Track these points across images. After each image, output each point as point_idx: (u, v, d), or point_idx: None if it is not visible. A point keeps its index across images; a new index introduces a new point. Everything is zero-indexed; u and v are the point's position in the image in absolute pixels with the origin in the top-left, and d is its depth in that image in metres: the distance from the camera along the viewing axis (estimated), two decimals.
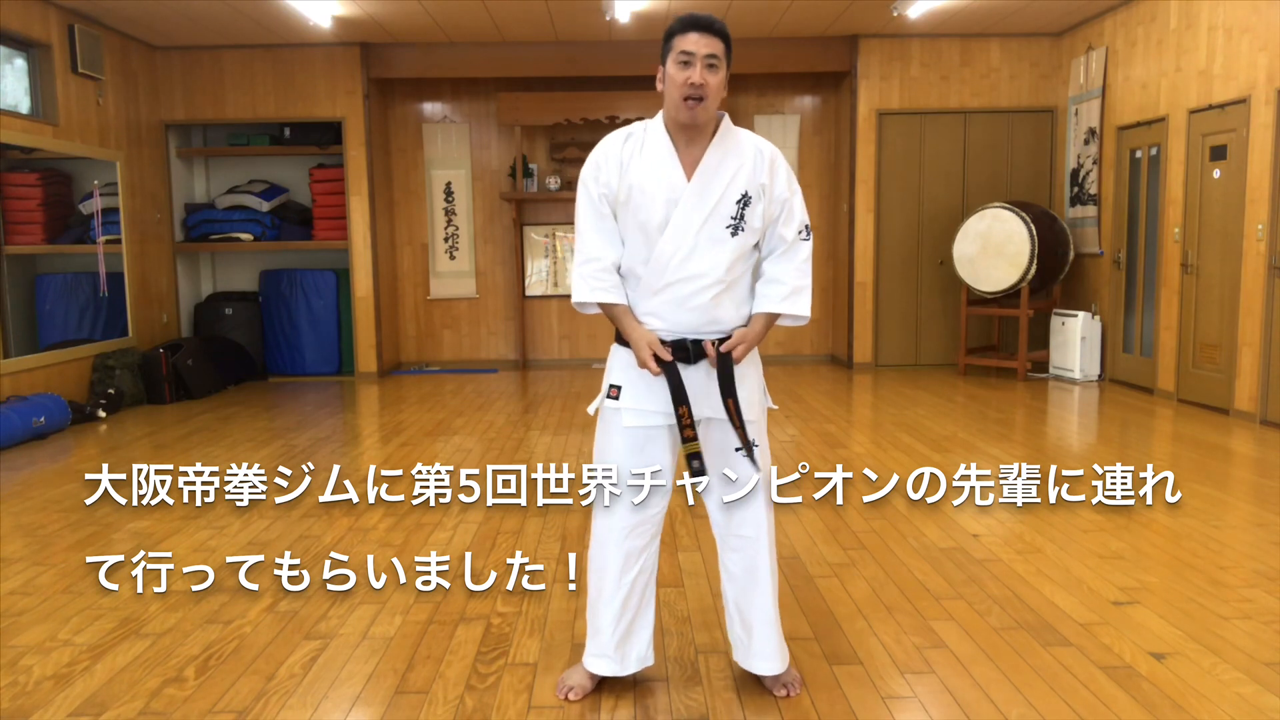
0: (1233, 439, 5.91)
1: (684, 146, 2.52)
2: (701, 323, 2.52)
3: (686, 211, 2.47)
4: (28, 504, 4.79)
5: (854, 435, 6.30)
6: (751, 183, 2.50)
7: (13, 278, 7.16)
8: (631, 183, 2.50)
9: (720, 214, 2.48)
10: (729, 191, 2.49)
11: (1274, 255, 6.13)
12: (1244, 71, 6.37)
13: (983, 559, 3.76)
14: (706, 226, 2.48)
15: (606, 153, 2.55)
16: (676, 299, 2.50)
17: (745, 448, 2.53)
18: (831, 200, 9.76)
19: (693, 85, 2.42)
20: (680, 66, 2.44)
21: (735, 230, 2.49)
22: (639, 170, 2.51)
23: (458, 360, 9.95)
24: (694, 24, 2.46)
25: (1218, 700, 2.62)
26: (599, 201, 2.54)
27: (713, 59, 2.45)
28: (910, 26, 8.48)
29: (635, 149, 2.53)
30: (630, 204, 2.51)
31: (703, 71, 2.43)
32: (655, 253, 2.49)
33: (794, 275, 2.56)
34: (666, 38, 2.50)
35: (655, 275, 2.50)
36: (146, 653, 2.99)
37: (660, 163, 2.50)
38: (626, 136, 2.56)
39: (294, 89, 8.89)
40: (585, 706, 2.64)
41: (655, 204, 2.49)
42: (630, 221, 2.52)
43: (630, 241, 2.54)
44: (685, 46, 2.44)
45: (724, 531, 2.65)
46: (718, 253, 2.49)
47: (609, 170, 2.53)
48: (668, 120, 2.53)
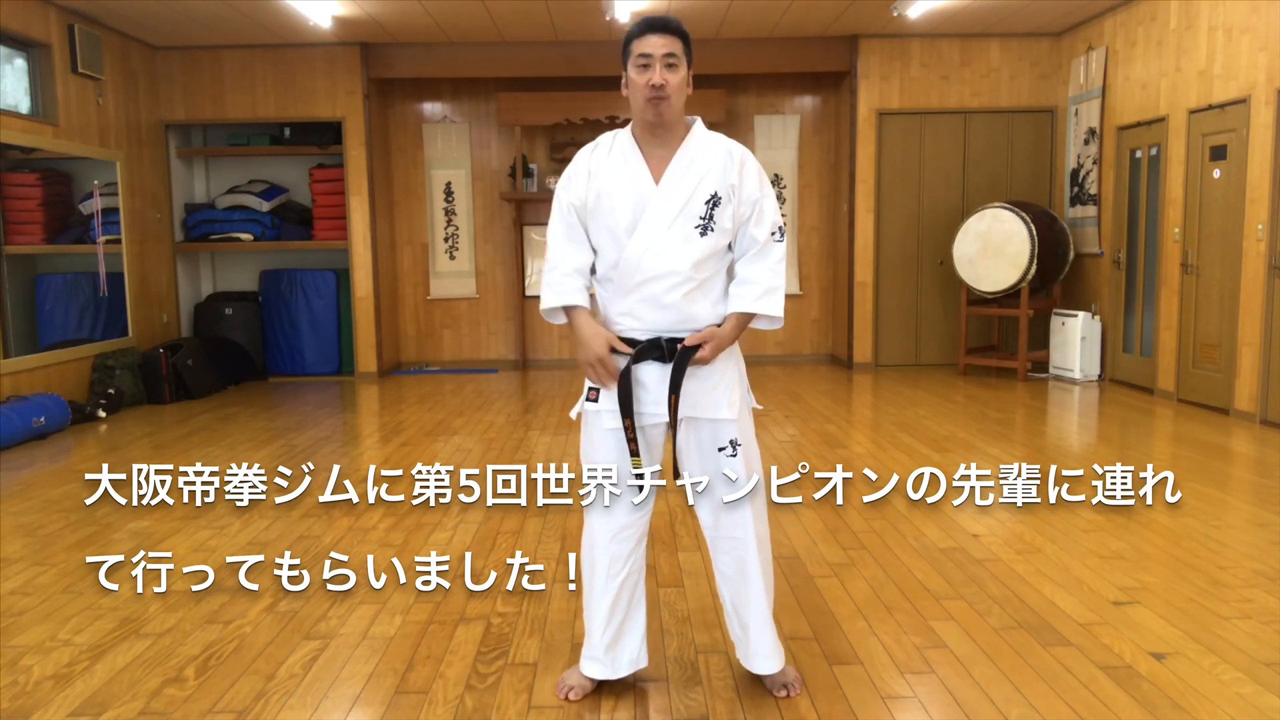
0: (1233, 439, 5.91)
1: (652, 149, 2.54)
2: (675, 321, 2.54)
3: (655, 212, 2.50)
4: (28, 504, 4.79)
5: (854, 435, 6.30)
6: (721, 184, 2.52)
7: (13, 278, 7.16)
8: (599, 189, 2.54)
9: (689, 214, 2.50)
10: (698, 192, 2.51)
11: (1274, 255, 6.13)
12: (1244, 71, 6.37)
13: (983, 559, 3.76)
14: (675, 226, 2.50)
15: (576, 164, 2.60)
16: (649, 298, 2.53)
17: (666, 446, 2.56)
18: (831, 200, 9.77)
19: (653, 86, 2.45)
20: (640, 70, 2.47)
21: (704, 230, 2.51)
22: (606, 176, 2.54)
23: (458, 360, 9.95)
24: (650, 26, 2.48)
25: (1218, 700, 2.62)
26: (568, 211, 2.58)
27: (671, 58, 2.47)
28: (910, 26, 8.48)
29: (603, 156, 2.57)
30: (599, 209, 2.54)
31: (662, 72, 2.45)
32: (625, 253, 2.51)
33: (767, 276, 2.57)
34: (625, 43, 2.53)
35: (626, 276, 2.52)
36: (146, 653, 2.99)
37: (626, 167, 2.54)
38: (594, 146, 2.61)
39: (294, 89, 8.89)
40: (585, 706, 2.65)
41: (622, 207, 2.52)
42: (600, 226, 2.55)
43: (602, 246, 2.57)
44: (643, 49, 2.47)
45: (713, 534, 2.66)
46: (688, 251, 2.51)
47: (577, 180, 2.57)
48: (636, 124, 2.57)
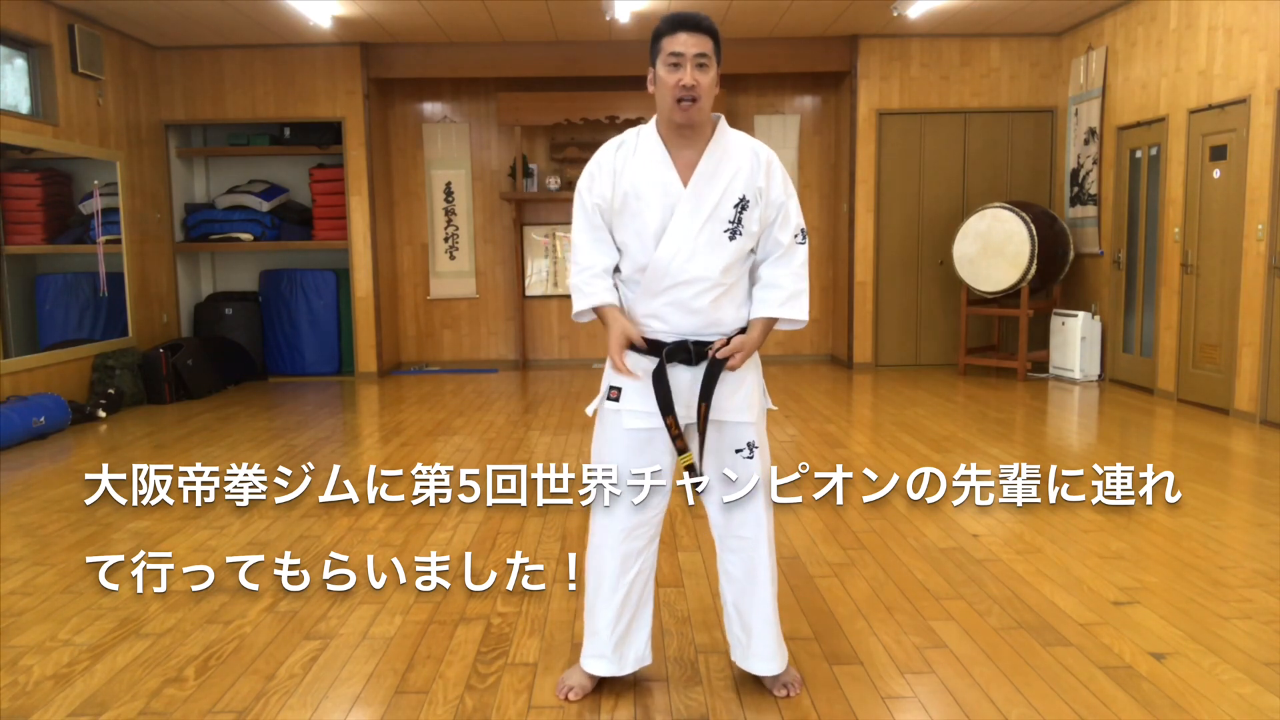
0: (1233, 439, 5.91)
1: (679, 150, 2.50)
2: (702, 325, 2.52)
3: (684, 216, 2.46)
4: (28, 504, 4.79)
5: (854, 435, 6.30)
6: (749, 186, 2.49)
7: (13, 278, 7.16)
8: (626, 190, 2.49)
9: (718, 218, 2.47)
10: (727, 195, 2.47)
11: (1274, 255, 6.13)
12: (1244, 71, 6.37)
13: (983, 559, 3.76)
14: (705, 230, 2.46)
15: (600, 163, 2.54)
16: (677, 302, 2.50)
17: (692, 450, 2.54)
18: (831, 200, 9.76)
19: (684, 87, 2.40)
20: (670, 69, 2.42)
21: (733, 234, 2.48)
22: (633, 177, 2.49)
23: (458, 360, 9.95)
24: (681, 23, 2.43)
25: (1218, 700, 2.62)
26: (593, 212, 2.54)
27: (703, 58, 2.42)
28: (910, 26, 8.48)
29: (628, 155, 2.52)
30: (626, 211, 2.50)
31: (693, 72, 2.41)
32: (654, 257, 2.47)
33: (791, 279, 2.54)
34: (654, 39, 2.47)
35: (655, 280, 2.49)
36: (146, 653, 2.99)
37: (655, 168, 2.49)
38: (619, 144, 2.55)
39: (294, 89, 8.89)
40: (585, 706, 2.64)
41: (652, 209, 2.47)
42: (628, 228, 2.51)
43: (628, 248, 2.53)
44: (674, 48, 2.42)
45: (723, 532, 2.64)
46: (716, 256, 2.47)
47: (602, 180, 2.52)
48: (661, 123, 2.52)
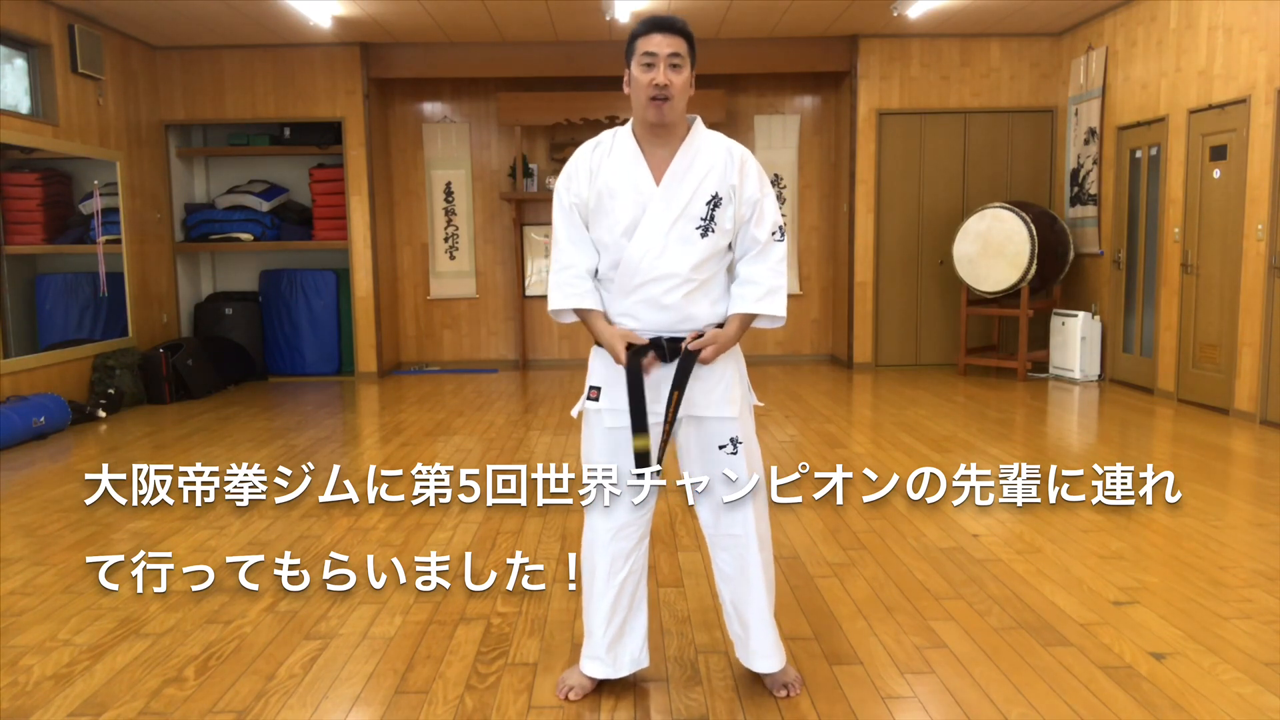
0: (1233, 439, 5.91)
1: (653, 149, 2.54)
2: (675, 321, 2.54)
3: (656, 214, 2.50)
4: (28, 504, 4.79)
5: (854, 435, 6.30)
6: (722, 184, 2.52)
7: (13, 278, 7.16)
8: (600, 189, 2.53)
9: (690, 215, 2.50)
10: (699, 193, 2.51)
11: (1274, 255, 6.13)
12: (1244, 71, 6.37)
13: (983, 559, 3.76)
14: (676, 227, 2.50)
15: (576, 163, 2.59)
16: (648, 298, 2.53)
17: (661, 444, 2.54)
18: (831, 200, 9.76)
19: (657, 86, 2.45)
20: (644, 69, 2.47)
21: (705, 231, 2.51)
22: (608, 175, 2.54)
23: (458, 360, 9.95)
24: (656, 25, 2.48)
25: (1218, 700, 2.62)
26: (570, 211, 2.58)
27: (676, 58, 2.47)
28: (910, 26, 8.48)
29: (604, 155, 2.56)
30: (601, 209, 2.54)
31: (666, 71, 2.45)
32: (626, 254, 2.51)
33: (768, 276, 2.57)
34: (630, 40, 2.52)
35: (627, 276, 2.52)
36: (146, 653, 2.99)
37: (628, 167, 2.53)
38: (595, 145, 2.60)
39: (294, 89, 8.89)
40: (585, 706, 2.65)
41: (624, 207, 2.51)
42: (602, 225, 2.55)
43: (603, 245, 2.57)
44: (648, 48, 2.47)
45: (713, 531, 2.66)
46: (687, 253, 2.51)
47: (579, 180, 2.56)
48: (636, 123, 2.57)
